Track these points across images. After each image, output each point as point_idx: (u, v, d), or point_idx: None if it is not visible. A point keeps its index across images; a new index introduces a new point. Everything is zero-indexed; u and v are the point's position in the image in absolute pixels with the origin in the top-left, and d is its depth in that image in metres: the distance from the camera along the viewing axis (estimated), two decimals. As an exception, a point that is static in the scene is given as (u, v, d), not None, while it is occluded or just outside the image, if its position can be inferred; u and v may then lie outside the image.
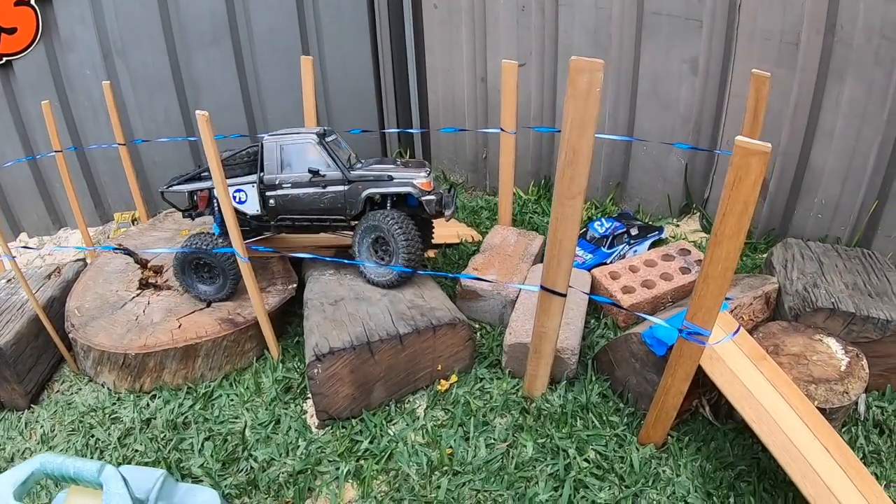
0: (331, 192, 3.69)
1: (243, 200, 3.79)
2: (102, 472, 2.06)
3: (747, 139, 2.24)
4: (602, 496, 2.83)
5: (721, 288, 2.49)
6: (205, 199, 3.95)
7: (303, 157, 3.70)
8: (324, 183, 3.68)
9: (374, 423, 3.26)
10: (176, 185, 3.99)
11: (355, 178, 3.66)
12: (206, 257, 3.70)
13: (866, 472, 2.66)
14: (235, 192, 3.77)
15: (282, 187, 3.73)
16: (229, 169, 3.87)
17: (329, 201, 3.70)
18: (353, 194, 3.67)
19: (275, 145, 3.72)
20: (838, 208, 4.70)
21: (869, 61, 4.23)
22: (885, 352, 3.36)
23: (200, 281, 3.81)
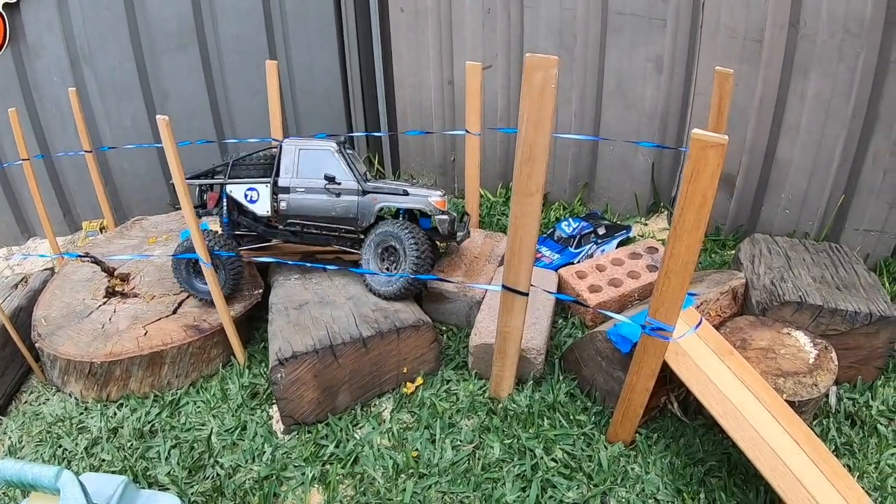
0: (344, 201, 3.67)
1: (254, 200, 3.77)
2: (60, 477, 2.04)
3: (704, 132, 2.23)
4: (570, 495, 2.79)
5: (682, 282, 2.46)
6: (214, 197, 3.93)
7: (320, 164, 3.68)
8: (338, 191, 3.66)
9: (340, 428, 3.21)
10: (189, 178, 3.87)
11: (371, 189, 3.65)
12: None
13: (837, 464, 2.64)
14: (248, 191, 3.77)
15: (295, 191, 3.70)
16: (244, 168, 3.88)
17: (342, 210, 3.68)
18: (366, 205, 3.65)
19: (294, 149, 3.71)
20: (806, 203, 4.70)
21: (833, 56, 4.23)
22: (855, 344, 3.36)
23: (199, 280, 3.73)
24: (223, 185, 3.83)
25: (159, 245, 4.52)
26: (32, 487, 2.11)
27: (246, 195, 3.79)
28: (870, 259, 4.59)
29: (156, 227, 4.88)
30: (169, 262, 4.09)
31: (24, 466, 2.07)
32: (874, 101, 4.23)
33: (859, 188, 4.50)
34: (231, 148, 5.61)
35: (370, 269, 3.62)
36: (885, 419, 3.26)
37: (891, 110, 4.19)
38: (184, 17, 5.35)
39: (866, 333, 3.33)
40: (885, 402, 3.35)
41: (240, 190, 3.80)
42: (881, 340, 3.35)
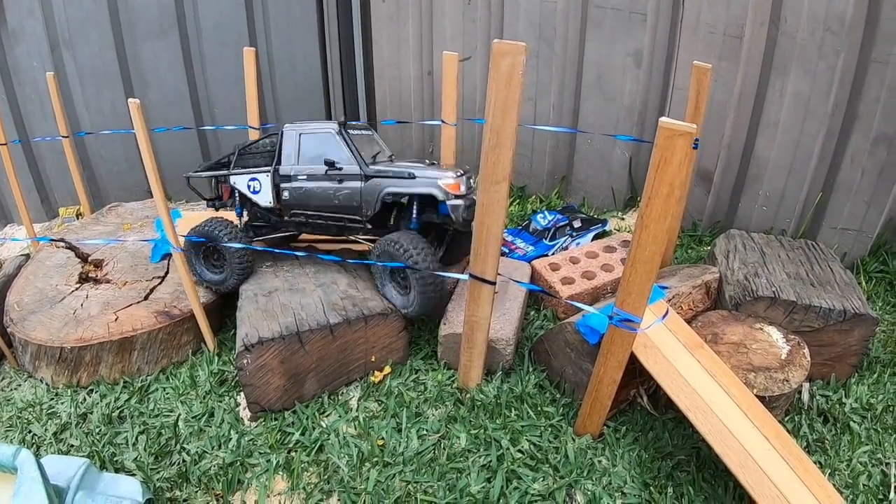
0: (346, 187, 3.41)
1: (257, 190, 3.61)
2: (17, 456, 2.06)
3: (672, 120, 2.17)
4: (535, 487, 2.75)
5: (650, 272, 2.42)
6: (228, 188, 3.82)
7: (321, 148, 3.46)
8: (340, 177, 3.42)
9: (307, 415, 3.17)
10: (200, 170, 3.87)
11: (373, 173, 3.37)
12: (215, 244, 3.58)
13: (807, 460, 2.63)
14: (250, 182, 3.61)
15: (296, 179, 3.50)
16: (250, 157, 3.75)
17: (344, 198, 3.43)
18: (369, 191, 3.38)
19: (295, 134, 3.51)
20: (783, 200, 4.70)
21: (813, 54, 4.23)
22: (829, 340, 3.35)
23: (208, 268, 3.68)
24: (228, 177, 3.71)
25: (134, 231, 4.47)
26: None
27: (249, 186, 3.64)
28: (847, 258, 4.59)
29: (131, 214, 4.84)
30: (142, 249, 4.10)
31: None
32: (854, 100, 4.23)
33: (837, 186, 4.49)
34: (210, 135, 5.59)
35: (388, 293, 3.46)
36: (858, 417, 3.24)
37: (870, 109, 4.19)
38: (165, 4, 5.33)
39: (840, 330, 3.31)
40: (858, 400, 3.33)
41: (243, 181, 3.65)
42: (855, 338, 3.33)
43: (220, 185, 3.86)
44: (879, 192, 4.37)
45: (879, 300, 4.27)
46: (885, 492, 2.84)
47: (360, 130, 3.62)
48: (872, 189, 4.38)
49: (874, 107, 4.18)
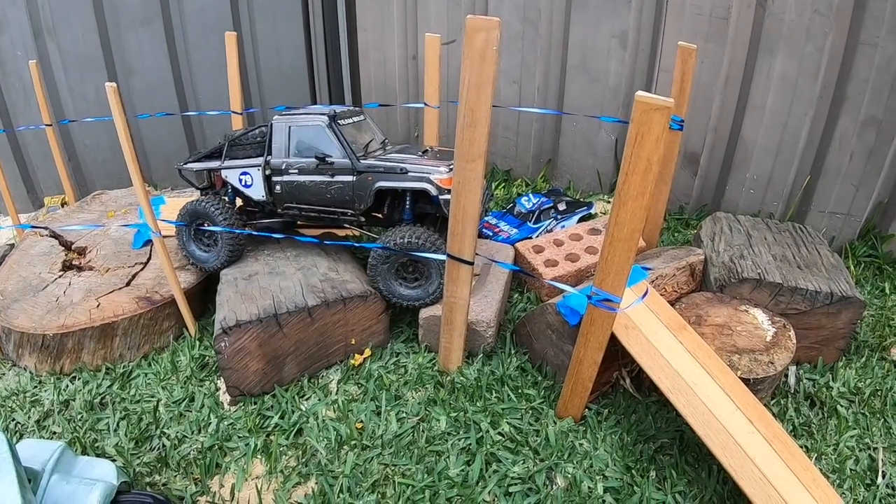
0: (338, 181, 3.34)
1: (249, 184, 3.53)
2: None
3: (648, 94, 2.14)
4: (515, 470, 2.73)
5: (628, 251, 2.38)
6: (220, 177, 3.74)
7: (312, 141, 3.38)
8: (331, 171, 3.34)
9: (286, 399, 3.15)
10: (192, 161, 3.82)
11: (364, 169, 3.29)
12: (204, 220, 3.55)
13: (792, 444, 2.60)
14: (241, 175, 3.54)
15: (288, 173, 3.43)
16: (240, 148, 3.65)
17: (336, 192, 3.37)
18: (361, 186, 3.31)
19: (284, 126, 3.42)
20: (771, 183, 4.70)
21: (800, 36, 4.22)
22: (816, 324, 3.32)
23: (198, 246, 3.65)
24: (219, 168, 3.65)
25: (118, 219, 4.46)
26: None
27: (240, 179, 3.56)
28: (835, 242, 4.59)
29: (115, 202, 4.83)
30: (125, 235, 4.08)
31: None
32: (842, 82, 4.23)
33: (825, 170, 4.49)
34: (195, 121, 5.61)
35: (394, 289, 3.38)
36: (845, 401, 3.22)
37: (858, 92, 4.18)
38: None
39: (827, 313, 3.28)
40: (846, 384, 3.31)
41: (234, 174, 3.58)
42: (842, 321, 3.30)
43: (213, 175, 3.80)
44: (868, 176, 4.35)
45: (868, 284, 4.26)
46: (872, 477, 2.82)
47: (353, 118, 3.55)
48: (861, 172, 4.37)
49: (863, 89, 4.17)
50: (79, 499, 2.17)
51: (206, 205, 3.50)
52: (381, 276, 3.34)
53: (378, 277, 3.34)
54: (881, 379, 3.37)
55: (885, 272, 4.37)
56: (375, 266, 3.32)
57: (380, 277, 3.34)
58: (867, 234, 4.53)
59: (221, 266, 3.58)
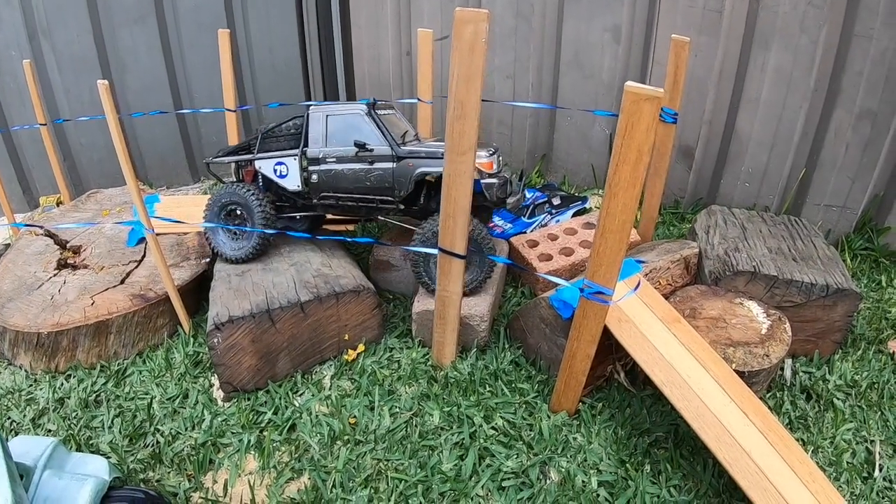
0: (378, 168, 3.35)
1: (284, 174, 3.53)
2: None
3: (638, 84, 2.14)
4: (509, 464, 2.73)
5: (620, 242, 2.37)
6: (251, 172, 3.74)
7: (350, 129, 3.39)
8: (371, 158, 3.35)
9: (279, 395, 3.15)
10: (222, 155, 3.82)
11: (405, 154, 3.31)
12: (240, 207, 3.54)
13: (788, 436, 2.60)
14: (276, 166, 3.53)
15: (325, 162, 3.42)
16: (273, 140, 3.68)
17: (376, 179, 3.37)
18: (402, 172, 3.32)
19: (321, 116, 3.42)
20: (766, 176, 4.69)
21: (794, 28, 4.22)
22: (812, 316, 3.31)
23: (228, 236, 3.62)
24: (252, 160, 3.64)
25: (112, 217, 4.47)
26: None
27: (275, 170, 3.56)
28: (832, 235, 4.59)
29: (110, 200, 4.83)
30: (120, 234, 4.10)
31: None
32: (836, 75, 4.24)
33: (821, 162, 4.49)
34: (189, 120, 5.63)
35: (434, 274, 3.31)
36: (841, 394, 3.22)
37: (853, 84, 4.19)
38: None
39: (823, 306, 3.28)
40: (842, 377, 3.31)
41: (268, 165, 3.57)
42: (839, 313, 3.29)
43: (242, 170, 3.81)
44: (864, 168, 4.35)
45: (865, 277, 4.26)
46: (869, 470, 2.81)
47: (387, 110, 3.56)
48: (857, 164, 4.36)
49: (857, 81, 4.16)
50: (70, 494, 2.18)
51: (244, 191, 3.50)
52: (423, 263, 3.35)
53: (421, 264, 3.35)
54: (878, 372, 3.37)
55: (882, 265, 4.37)
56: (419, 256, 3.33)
57: (422, 264, 3.35)
58: (863, 227, 4.53)
59: (246, 259, 3.58)
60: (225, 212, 3.61)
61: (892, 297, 4.04)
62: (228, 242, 3.61)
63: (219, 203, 3.58)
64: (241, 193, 3.52)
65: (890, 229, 4.44)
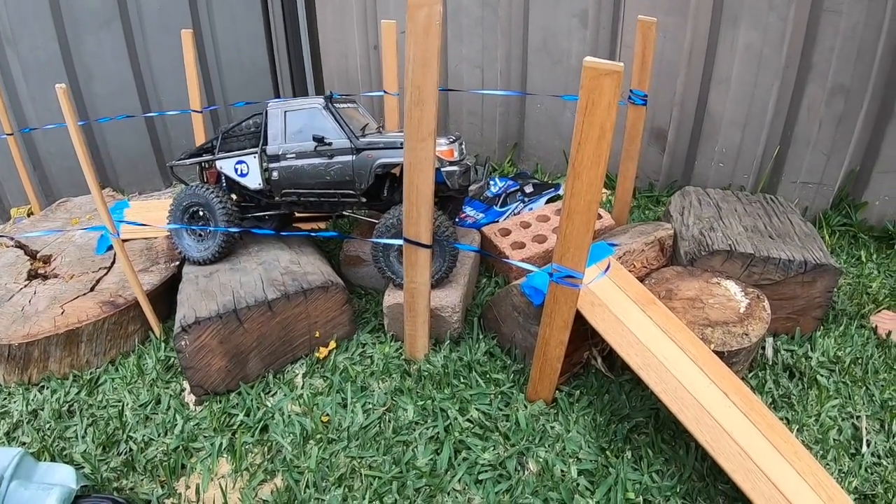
0: (337, 162, 3.36)
1: (245, 173, 3.53)
2: None
3: (597, 59, 2.09)
4: (485, 457, 2.70)
5: (587, 224, 2.34)
6: (214, 173, 3.77)
7: (308, 124, 3.41)
8: (330, 153, 3.35)
9: (251, 396, 3.13)
10: (184, 158, 3.83)
11: (364, 146, 3.32)
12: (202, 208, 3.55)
13: (771, 415, 2.59)
14: (237, 165, 3.54)
15: (285, 158, 3.43)
16: (234, 140, 3.69)
17: (336, 173, 3.37)
18: (361, 164, 3.33)
19: (279, 112, 3.44)
20: (740, 155, 4.73)
21: (763, 5, 4.28)
22: (791, 293, 3.32)
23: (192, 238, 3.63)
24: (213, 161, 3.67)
25: (82, 225, 4.45)
26: None
27: (236, 169, 3.56)
28: (809, 212, 4.63)
29: (80, 208, 4.82)
30: (90, 241, 4.10)
31: None
32: (807, 51, 4.27)
33: (795, 139, 4.52)
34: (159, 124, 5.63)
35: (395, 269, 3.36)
36: (825, 370, 3.22)
37: (825, 59, 4.23)
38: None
39: (802, 283, 3.28)
40: (825, 354, 3.31)
41: (229, 164, 3.58)
42: (818, 290, 3.30)
43: (205, 171, 3.82)
44: (838, 144, 4.38)
45: (843, 253, 4.29)
46: (857, 446, 2.82)
47: (346, 104, 3.57)
48: (831, 140, 4.39)
49: (829, 56, 4.19)
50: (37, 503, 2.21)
51: (205, 191, 3.50)
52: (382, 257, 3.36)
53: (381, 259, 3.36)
54: (861, 347, 3.38)
55: (861, 240, 4.41)
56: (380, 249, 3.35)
57: (382, 258, 3.36)
58: (840, 203, 4.56)
59: (213, 259, 3.58)
60: (188, 214, 3.60)
61: (872, 272, 4.07)
62: (194, 244, 3.61)
63: (181, 206, 3.58)
64: (201, 194, 3.52)
65: (867, 204, 4.47)
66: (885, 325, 3.57)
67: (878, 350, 3.39)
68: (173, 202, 3.61)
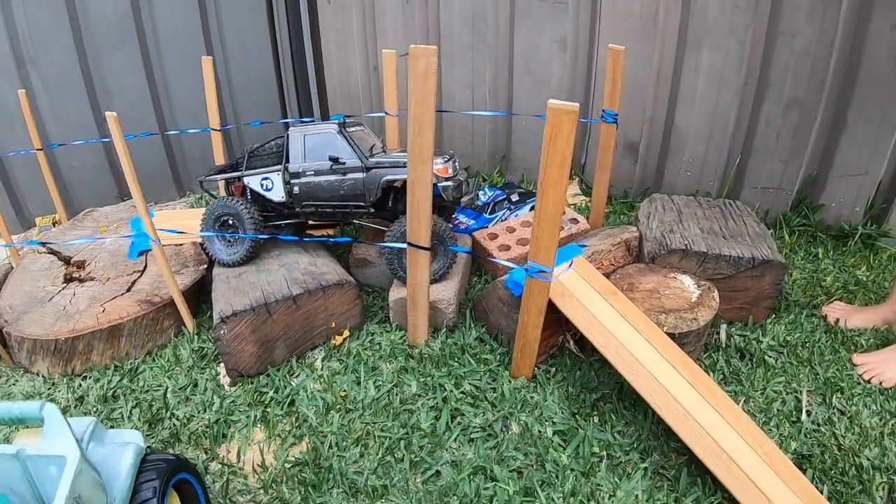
0: (350, 178, 3.84)
1: (270, 188, 4.03)
2: (43, 407, 2.34)
3: (558, 102, 2.58)
4: (476, 421, 3.21)
5: (553, 229, 2.87)
6: (239, 187, 4.24)
7: (325, 146, 3.87)
8: (343, 170, 3.84)
9: (278, 377, 3.61)
10: (214, 174, 4.32)
11: (372, 165, 3.80)
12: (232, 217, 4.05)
13: (714, 385, 3.01)
14: (262, 181, 4.04)
15: (305, 175, 3.91)
16: (259, 159, 4.17)
17: (349, 188, 3.86)
18: (370, 180, 3.82)
19: (299, 135, 3.91)
20: (705, 165, 5.17)
21: (724, 30, 4.71)
22: (742, 286, 3.75)
23: (223, 246, 4.15)
24: (241, 177, 4.16)
25: (111, 233, 4.87)
26: (21, 421, 2.39)
27: (262, 184, 4.04)
28: (770, 214, 5.08)
29: (106, 217, 5.21)
30: (120, 248, 4.56)
31: (12, 405, 2.37)
32: (765, 69, 4.69)
33: (755, 149, 4.98)
34: (173, 139, 6.09)
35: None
36: (774, 353, 3.63)
37: (780, 77, 4.66)
38: (123, 15, 5.73)
39: (752, 276, 3.70)
40: (775, 338, 3.72)
41: (255, 180, 4.07)
42: (767, 282, 3.72)
43: (231, 185, 4.36)
44: (795, 152, 4.81)
45: (801, 251, 4.71)
46: (798, 415, 3.21)
47: (355, 127, 4.10)
48: (788, 149, 4.84)
49: (784, 74, 4.64)
50: (115, 458, 2.46)
51: (234, 203, 4.04)
52: (396, 259, 3.88)
53: (395, 260, 3.89)
54: (810, 333, 3.79)
55: (819, 238, 4.83)
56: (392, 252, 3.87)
57: (395, 259, 3.89)
58: (800, 205, 4.96)
59: (241, 262, 4.09)
60: (219, 223, 4.13)
61: (827, 268, 4.49)
62: (224, 249, 4.14)
63: (213, 215, 4.11)
64: (231, 205, 4.05)
65: (824, 206, 4.87)
66: (836, 313, 3.93)
67: (826, 335, 3.76)
68: (206, 212, 4.14)
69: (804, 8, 4.40)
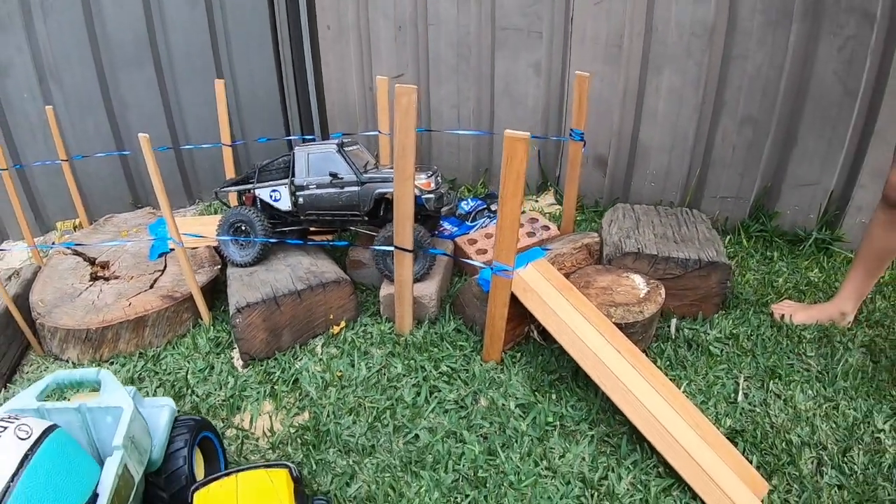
0: (347, 191, 4.34)
1: (278, 199, 4.56)
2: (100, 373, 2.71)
3: (513, 131, 3.03)
4: (451, 395, 3.66)
5: (512, 233, 3.33)
6: (250, 198, 4.72)
7: (325, 163, 4.37)
8: (342, 184, 4.34)
9: (285, 360, 4.05)
10: (229, 185, 4.85)
11: (366, 180, 4.29)
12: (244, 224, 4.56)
13: (654, 368, 3.38)
14: (271, 193, 4.56)
15: (308, 188, 4.42)
16: (268, 173, 4.68)
17: (346, 199, 4.35)
18: (365, 193, 4.30)
19: (304, 154, 4.42)
20: (668, 176, 5.72)
21: (682, 55, 5.18)
22: (692, 285, 4.14)
23: (235, 247, 4.63)
24: (253, 189, 4.65)
25: (131, 237, 5.33)
26: (80, 385, 2.74)
27: (271, 195, 4.56)
28: (729, 221, 5.52)
29: (126, 223, 5.71)
30: (141, 250, 5.19)
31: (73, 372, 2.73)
32: (721, 90, 5.14)
33: (713, 162, 5.42)
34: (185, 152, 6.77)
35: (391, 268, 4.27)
36: (719, 343, 3.97)
37: (734, 97, 5.10)
38: (139, 37, 6.31)
39: (699, 276, 4.07)
40: (721, 331, 4.08)
41: (265, 192, 4.60)
42: (713, 281, 4.09)
43: (244, 196, 4.81)
44: (750, 165, 5.26)
45: (757, 254, 5.16)
46: (736, 397, 3.55)
47: (352, 146, 4.49)
48: (743, 162, 5.28)
49: (738, 94, 5.08)
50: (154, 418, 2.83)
51: (247, 211, 4.53)
52: (382, 260, 4.33)
53: (380, 261, 4.35)
54: (756, 327, 4.14)
55: (775, 243, 5.27)
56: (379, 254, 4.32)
57: (381, 261, 4.34)
58: (757, 213, 5.37)
59: (252, 263, 4.55)
60: (233, 228, 4.76)
61: (780, 269, 4.92)
62: (237, 251, 4.76)
63: (228, 222, 4.76)
64: (245, 213, 4.70)
65: (779, 213, 5.32)
66: (783, 310, 4.25)
67: (771, 329, 4.10)
68: (222, 219, 4.77)
69: (755, 34, 4.82)
